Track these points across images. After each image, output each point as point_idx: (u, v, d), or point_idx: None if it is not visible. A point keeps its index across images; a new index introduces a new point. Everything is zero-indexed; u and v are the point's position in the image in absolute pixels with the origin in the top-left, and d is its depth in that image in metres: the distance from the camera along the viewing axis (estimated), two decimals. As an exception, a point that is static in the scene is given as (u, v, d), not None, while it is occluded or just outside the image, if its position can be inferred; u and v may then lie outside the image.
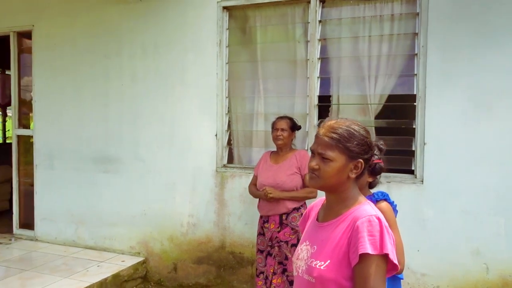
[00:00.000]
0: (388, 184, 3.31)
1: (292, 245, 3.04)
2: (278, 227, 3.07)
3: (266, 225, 3.13)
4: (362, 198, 1.38)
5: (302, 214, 3.08)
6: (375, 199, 1.94)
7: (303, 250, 1.42)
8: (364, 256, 1.22)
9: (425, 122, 3.24)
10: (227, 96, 3.94)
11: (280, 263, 3.08)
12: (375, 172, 1.52)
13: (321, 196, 1.53)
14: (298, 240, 3.03)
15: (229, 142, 4.00)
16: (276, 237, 3.07)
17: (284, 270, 3.06)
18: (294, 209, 3.07)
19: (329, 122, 1.37)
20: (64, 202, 4.55)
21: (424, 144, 3.24)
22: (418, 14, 3.27)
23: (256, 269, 3.22)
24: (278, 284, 3.06)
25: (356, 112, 3.73)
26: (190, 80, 3.98)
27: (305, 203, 3.15)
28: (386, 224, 1.28)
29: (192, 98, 3.98)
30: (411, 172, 3.34)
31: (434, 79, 3.20)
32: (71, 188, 4.52)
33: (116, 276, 3.79)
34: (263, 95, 3.91)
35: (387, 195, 1.98)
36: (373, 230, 1.24)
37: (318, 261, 1.31)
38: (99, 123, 4.37)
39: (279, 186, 3.07)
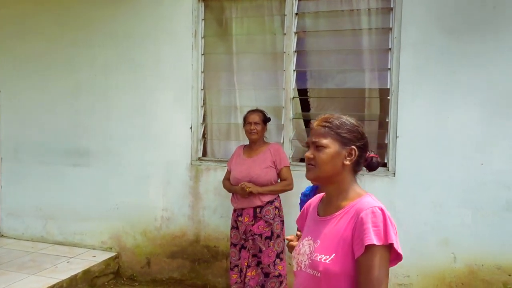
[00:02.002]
0: (362, 176, 3.34)
1: (266, 238, 3.04)
2: (252, 220, 3.07)
3: (240, 218, 3.12)
4: (362, 191, 1.42)
5: (276, 207, 3.09)
6: None
7: (304, 245, 1.42)
8: (369, 247, 1.24)
9: (397, 116, 3.30)
10: (202, 88, 3.89)
11: (254, 255, 3.08)
12: (372, 166, 1.51)
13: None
14: (272, 233, 3.04)
15: (204, 135, 3.96)
16: (250, 230, 3.06)
17: (259, 263, 3.07)
18: (268, 202, 3.08)
19: (323, 116, 1.45)
20: (32, 197, 4.38)
21: (397, 137, 3.31)
22: (392, 9, 3.32)
23: (230, 262, 3.21)
24: (253, 277, 3.06)
25: (331, 105, 3.77)
26: (164, 71, 3.90)
27: (279, 196, 3.16)
28: (389, 214, 1.31)
29: (166, 90, 3.90)
30: (384, 165, 3.41)
31: (407, 73, 3.26)
32: (39, 182, 4.36)
33: (86, 272, 3.69)
34: (239, 87, 3.89)
35: None
36: (377, 220, 1.27)
37: (323, 255, 1.32)
38: (68, 114, 4.23)
39: (254, 179, 3.06)
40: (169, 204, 3.94)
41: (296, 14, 3.58)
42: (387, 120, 3.39)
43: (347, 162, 1.39)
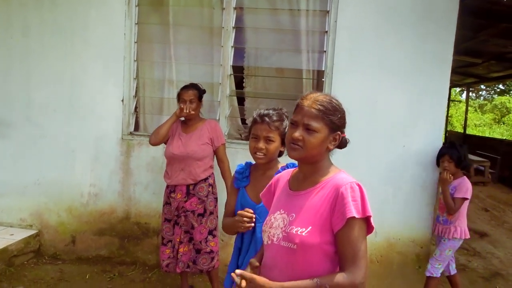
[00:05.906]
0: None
1: (198, 215, 3.02)
2: (185, 197, 3.03)
3: (172, 194, 3.06)
4: (336, 168, 1.46)
5: (209, 184, 3.07)
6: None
7: (277, 219, 1.44)
8: (350, 220, 1.30)
9: (331, 97, 3.40)
10: (135, 59, 3.69)
11: (186, 232, 3.06)
12: (343, 145, 1.53)
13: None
14: (205, 210, 3.03)
15: (136, 109, 3.79)
16: (183, 206, 3.03)
17: (191, 239, 3.05)
18: (202, 180, 3.05)
19: (312, 94, 1.42)
20: None
21: (329, 118, 3.41)
22: (330, -8, 3.38)
23: (163, 238, 3.16)
24: (185, 253, 3.05)
25: (267, 84, 3.78)
26: (93, 39, 3.63)
27: (213, 173, 3.14)
28: (365, 189, 1.36)
29: (96, 59, 3.65)
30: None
31: (342, 56, 3.36)
32: None
33: (3, 251, 3.43)
34: (175, 61, 3.75)
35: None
36: (355, 195, 1.33)
37: (299, 228, 1.35)
38: (-19, 79, 3.81)
39: (190, 156, 3.01)
40: (97, 180, 3.75)
41: (236, -12, 3.50)
42: (320, 101, 3.47)
43: (331, 147, 1.42)
